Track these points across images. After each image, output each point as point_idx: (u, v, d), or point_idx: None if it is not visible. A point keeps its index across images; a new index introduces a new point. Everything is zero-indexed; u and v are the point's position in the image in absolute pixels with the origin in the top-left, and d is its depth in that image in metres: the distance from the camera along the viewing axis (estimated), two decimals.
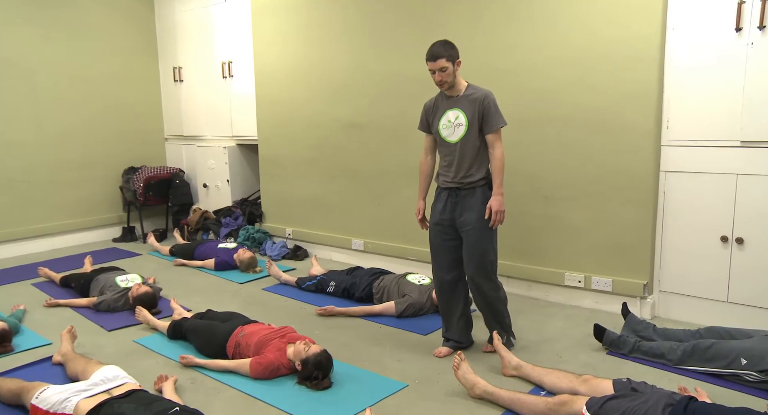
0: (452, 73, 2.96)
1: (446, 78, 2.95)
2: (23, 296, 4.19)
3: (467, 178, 3.01)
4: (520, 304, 3.91)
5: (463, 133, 3.00)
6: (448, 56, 2.92)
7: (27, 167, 5.48)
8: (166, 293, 4.15)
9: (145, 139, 6.46)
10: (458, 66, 2.98)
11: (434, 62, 2.93)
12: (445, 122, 3.07)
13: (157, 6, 6.35)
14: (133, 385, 2.49)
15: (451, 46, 2.96)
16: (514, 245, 4.06)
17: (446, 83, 2.97)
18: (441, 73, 2.94)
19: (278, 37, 5.22)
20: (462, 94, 3.02)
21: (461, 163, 3.01)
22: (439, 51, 2.92)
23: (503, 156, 2.99)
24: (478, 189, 3.01)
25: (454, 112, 3.03)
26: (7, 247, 5.40)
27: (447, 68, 2.92)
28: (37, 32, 5.44)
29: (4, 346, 3.19)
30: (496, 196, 2.98)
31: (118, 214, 6.24)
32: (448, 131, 3.06)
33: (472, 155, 3.00)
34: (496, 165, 2.98)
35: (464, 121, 3.00)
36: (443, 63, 2.91)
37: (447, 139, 3.06)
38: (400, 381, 2.83)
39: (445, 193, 3.10)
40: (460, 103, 3.02)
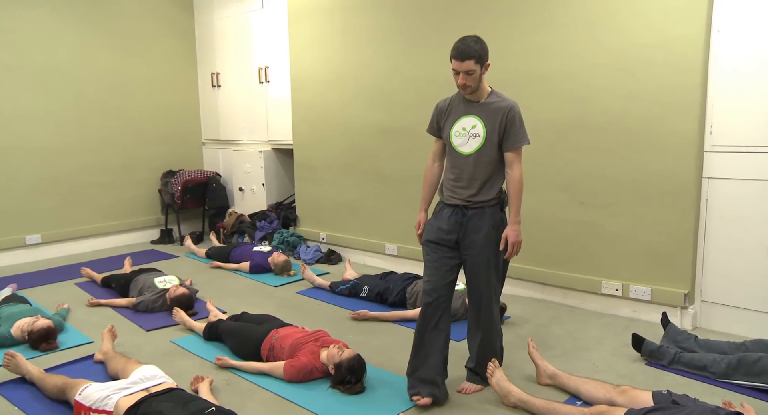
0: (479, 77, 2.55)
1: (471, 82, 2.55)
2: (67, 295, 4.32)
3: (477, 196, 2.63)
4: (556, 311, 3.85)
5: (479, 145, 2.60)
6: (478, 58, 2.50)
7: (71, 170, 5.66)
8: (202, 295, 4.22)
9: (183, 143, 6.60)
10: (486, 70, 2.58)
11: (461, 62, 2.50)
12: (458, 129, 2.66)
13: (197, 13, 6.50)
14: (170, 384, 2.53)
15: (482, 46, 2.53)
16: (549, 252, 4.01)
17: (470, 88, 2.58)
18: (466, 76, 2.53)
19: (314, 43, 5.27)
20: (484, 101, 2.63)
21: (473, 180, 2.62)
22: (469, 50, 2.49)
23: (522, 179, 2.62)
24: (488, 209, 2.65)
25: (470, 119, 2.64)
26: (53, 247, 5.58)
27: (474, 71, 2.51)
28: (82, 40, 5.62)
29: (50, 343, 3.30)
30: (513, 226, 2.61)
31: (157, 216, 6.38)
32: (460, 140, 2.65)
33: (487, 172, 2.62)
34: (514, 189, 2.60)
35: (482, 131, 2.60)
36: (471, 65, 2.50)
37: (458, 149, 2.65)
38: None
39: (448, 210, 2.69)
40: (480, 111, 2.62)
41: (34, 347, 3.27)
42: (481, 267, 2.66)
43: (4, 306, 3.61)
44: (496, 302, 2.77)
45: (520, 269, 4.17)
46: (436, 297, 2.65)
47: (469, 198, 2.64)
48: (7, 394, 2.79)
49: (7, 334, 3.32)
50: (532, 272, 4.12)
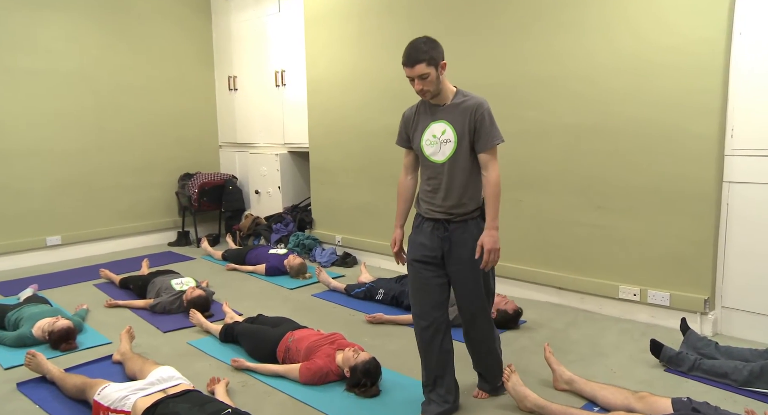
0: (435, 80, 2.38)
1: (428, 86, 2.38)
2: (86, 296, 4.38)
3: (458, 207, 2.46)
4: (572, 316, 3.82)
5: (452, 151, 2.43)
6: (428, 60, 2.33)
7: (91, 172, 5.74)
8: (218, 297, 4.25)
9: (200, 146, 6.66)
10: (443, 69, 2.41)
11: (411, 68, 2.35)
12: (429, 138, 2.48)
13: (214, 17, 6.56)
14: (187, 385, 2.55)
15: (432, 46, 2.37)
16: (566, 256, 3.98)
17: (429, 93, 2.41)
18: (422, 81, 2.36)
19: (330, 47, 5.30)
20: (450, 103, 2.46)
21: (450, 189, 2.45)
22: (417, 53, 2.33)
23: (499, 180, 2.41)
24: (471, 221, 2.48)
25: (440, 125, 2.46)
26: (73, 248, 5.66)
27: (428, 75, 2.34)
28: (102, 44, 5.71)
29: (70, 343, 3.34)
30: (490, 232, 2.41)
31: (174, 219, 6.44)
32: (432, 149, 2.48)
33: (464, 179, 2.45)
34: (490, 192, 2.41)
35: (453, 136, 2.42)
36: (423, 69, 2.33)
37: (432, 158, 2.48)
38: None
39: (429, 224, 2.53)
40: (448, 114, 2.45)
41: (55, 347, 3.32)
42: (469, 283, 2.52)
43: (26, 306, 3.67)
44: (489, 312, 2.64)
45: (536, 273, 4.15)
46: (431, 321, 2.55)
47: (451, 210, 2.47)
48: (28, 392, 2.83)
49: (28, 334, 3.37)
50: (549, 276, 4.09)
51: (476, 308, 2.58)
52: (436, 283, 2.54)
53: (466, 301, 2.57)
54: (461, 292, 2.56)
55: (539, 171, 4.06)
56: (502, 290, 4.18)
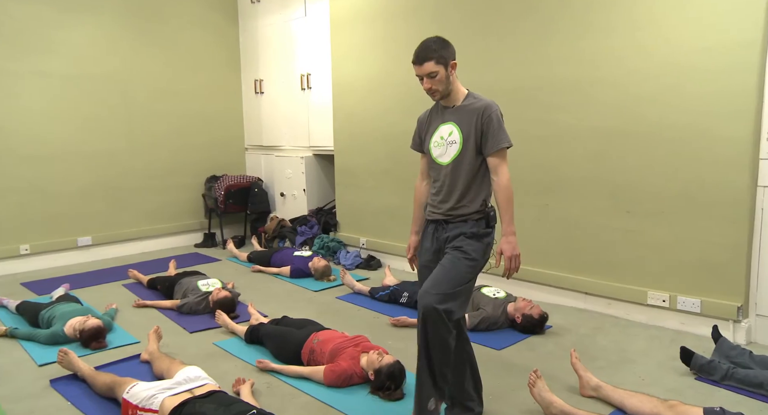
0: (445, 79, 2.37)
1: (437, 86, 2.37)
2: (115, 296, 4.46)
3: (456, 209, 2.39)
4: (599, 321, 3.77)
5: (456, 153, 2.39)
6: (438, 58, 2.33)
7: (120, 174, 5.85)
8: (243, 299, 4.29)
9: (226, 148, 6.75)
10: (453, 69, 2.40)
11: (420, 66, 2.36)
12: (437, 139, 2.47)
13: (242, 21, 6.64)
14: (213, 386, 2.58)
15: (442, 45, 2.37)
16: (592, 260, 3.93)
17: (438, 92, 2.40)
18: (430, 79, 2.36)
19: (355, 50, 5.32)
20: (459, 105, 2.44)
21: (451, 191, 2.40)
22: (427, 51, 2.34)
23: (510, 184, 2.34)
24: (471, 221, 2.38)
25: (447, 126, 2.44)
26: (103, 249, 5.77)
27: (437, 73, 2.34)
28: (132, 49, 5.82)
29: (99, 342, 3.41)
30: (508, 238, 2.34)
31: (200, 220, 6.52)
32: (439, 150, 2.45)
33: (466, 182, 2.38)
34: (502, 196, 2.34)
35: (458, 137, 2.39)
36: (431, 67, 2.33)
37: (438, 160, 2.46)
38: None
39: (431, 227, 2.51)
40: (456, 116, 2.43)
41: (85, 346, 3.38)
42: (439, 270, 2.32)
43: (58, 305, 3.75)
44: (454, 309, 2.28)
45: (561, 278, 4.10)
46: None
47: (449, 211, 2.41)
48: (61, 389, 2.90)
49: (60, 332, 3.44)
50: (575, 281, 4.04)
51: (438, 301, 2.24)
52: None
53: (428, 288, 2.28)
54: (431, 277, 2.33)
55: (566, 175, 4.01)
56: (527, 294, 4.15)
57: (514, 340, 3.49)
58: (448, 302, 2.26)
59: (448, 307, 2.26)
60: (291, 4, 5.97)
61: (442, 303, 2.25)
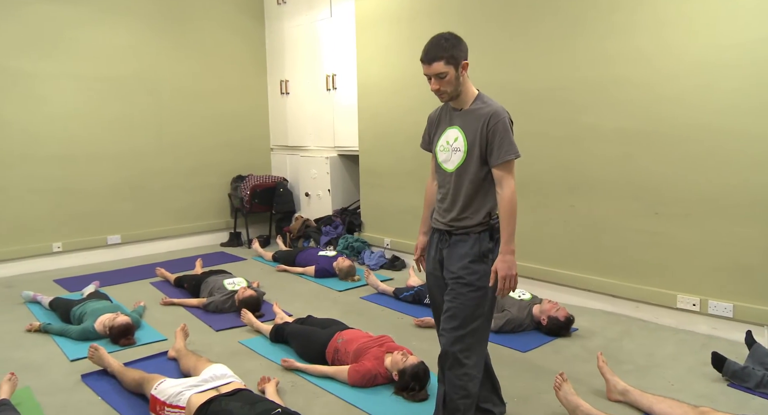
0: (454, 81, 2.19)
1: (446, 87, 2.20)
2: (143, 294, 4.53)
3: (459, 221, 2.27)
4: (626, 325, 3.71)
5: (461, 161, 2.25)
6: (448, 58, 2.15)
7: (149, 174, 5.94)
8: (268, 298, 4.32)
9: (252, 148, 6.81)
10: (464, 70, 2.21)
11: (429, 66, 2.18)
12: (443, 143, 2.33)
13: (268, 23, 6.70)
14: (238, 384, 2.61)
15: (454, 43, 2.18)
16: (620, 263, 3.87)
17: (446, 94, 2.23)
18: (439, 80, 2.19)
19: (381, 50, 5.32)
20: (467, 108, 2.27)
21: (455, 201, 2.28)
22: (436, 50, 2.16)
23: (515, 198, 2.18)
24: (473, 235, 2.25)
25: (453, 131, 2.29)
26: (131, 247, 5.88)
27: (446, 74, 2.17)
28: (162, 50, 5.91)
29: (128, 339, 3.47)
30: (504, 256, 2.16)
31: (226, 220, 6.60)
32: (444, 155, 2.32)
33: (470, 193, 2.24)
34: (505, 210, 2.17)
35: (463, 145, 2.25)
36: (441, 67, 2.15)
37: (443, 165, 2.33)
38: None
39: (436, 235, 2.40)
40: (462, 120, 2.27)
41: (114, 342, 3.45)
42: (458, 302, 2.21)
43: (89, 302, 3.83)
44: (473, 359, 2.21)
45: (588, 280, 4.05)
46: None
47: (451, 222, 2.29)
48: (91, 384, 2.96)
49: (91, 328, 3.52)
50: (601, 283, 3.98)
51: (452, 343, 2.19)
52: (440, 301, 2.37)
53: (444, 326, 2.24)
54: (444, 313, 2.26)
55: (591, 176, 3.96)
56: (552, 296, 4.10)
57: (539, 342, 3.46)
58: (464, 341, 2.18)
59: (463, 346, 2.18)
60: (317, 5, 6.01)
61: (455, 344, 2.18)
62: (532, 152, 4.24)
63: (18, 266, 5.19)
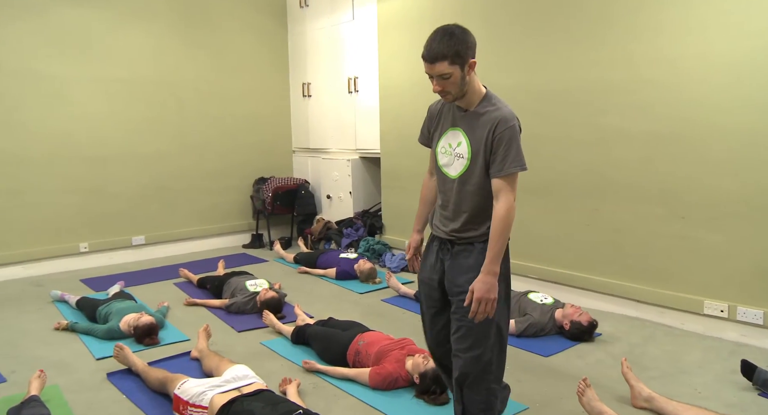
0: (459, 81, 1.97)
1: (449, 88, 1.99)
2: (166, 294, 4.59)
3: (464, 231, 2.11)
4: (651, 330, 3.65)
5: (464, 168, 2.07)
6: (453, 57, 1.93)
7: (172, 176, 6.02)
8: (290, 299, 4.35)
9: (274, 150, 6.86)
10: (471, 69, 1.99)
11: (431, 65, 1.97)
12: (444, 145, 2.14)
13: (290, 26, 6.75)
14: (260, 385, 2.62)
15: (460, 40, 1.94)
16: (644, 267, 3.81)
17: (450, 95, 2.03)
18: (442, 80, 1.97)
19: (403, 53, 5.32)
20: (472, 110, 2.06)
21: (458, 210, 2.11)
22: (440, 48, 1.93)
23: (510, 213, 1.98)
24: (478, 244, 2.09)
25: (456, 133, 2.10)
26: (155, 248, 5.96)
27: (450, 75, 1.95)
28: (186, 53, 5.99)
29: (152, 338, 3.51)
30: (485, 277, 1.98)
31: (248, 221, 6.65)
32: (446, 159, 2.14)
33: (475, 203, 2.08)
34: (497, 227, 1.97)
35: (467, 151, 2.05)
36: (444, 68, 1.94)
37: (444, 170, 2.15)
38: (519, 403, 2.74)
39: (436, 243, 2.24)
40: (466, 123, 2.06)
41: (139, 342, 3.50)
42: (465, 323, 2.09)
43: (114, 302, 3.89)
44: (493, 378, 2.12)
45: (611, 284, 3.99)
46: (437, 359, 2.35)
47: (453, 233, 2.13)
48: (116, 383, 3.01)
49: (116, 327, 3.57)
50: (625, 288, 3.92)
51: (469, 363, 2.09)
52: (432, 312, 2.26)
53: (457, 347, 2.13)
54: (457, 331, 2.12)
55: (615, 179, 3.91)
56: (575, 300, 4.05)
57: (562, 347, 3.42)
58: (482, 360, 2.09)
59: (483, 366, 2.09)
60: (339, 7, 6.04)
61: (474, 365, 2.09)
62: (554, 155, 4.20)
63: (47, 265, 5.30)
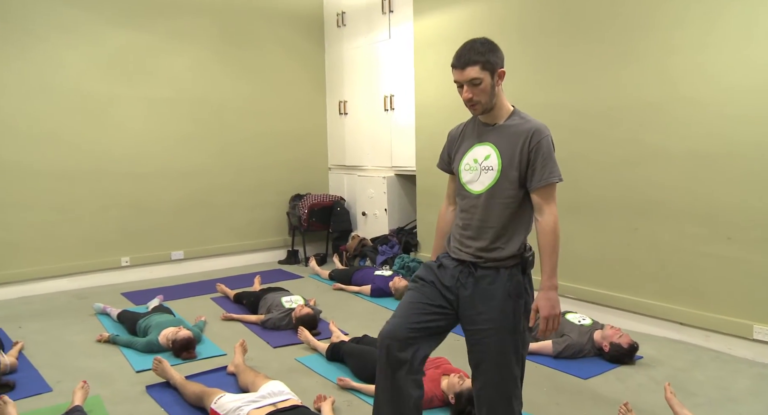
0: (489, 89, 1.97)
1: (479, 96, 1.97)
2: (204, 309, 4.66)
3: (490, 251, 1.98)
4: (696, 355, 3.52)
5: (493, 181, 1.98)
6: (484, 63, 1.95)
7: (211, 191, 6.14)
8: (325, 316, 4.36)
9: (310, 168, 6.94)
10: (501, 79, 2.01)
11: (462, 71, 1.97)
12: (469, 161, 2.06)
13: (327, 45, 6.86)
14: (295, 401, 2.63)
15: (490, 48, 1.99)
16: (687, 288, 3.70)
17: (479, 105, 2.00)
18: (472, 87, 1.96)
19: (439, 71, 5.35)
20: (502, 123, 2.04)
21: (484, 228, 2.00)
22: (472, 53, 1.96)
23: (558, 227, 1.94)
24: (504, 271, 1.97)
25: (484, 148, 2.03)
26: (193, 263, 6.07)
27: (481, 81, 1.95)
28: (226, 73, 6.15)
29: (190, 352, 3.56)
30: (547, 293, 1.94)
31: (284, 237, 6.72)
32: (470, 175, 2.05)
33: (504, 218, 1.98)
34: (546, 242, 1.94)
35: (496, 163, 1.98)
36: (475, 72, 1.95)
37: (468, 187, 2.06)
38: None
39: (454, 265, 2.08)
40: (496, 136, 2.02)
41: (177, 355, 3.55)
42: (493, 353, 1.98)
43: (153, 315, 3.97)
44: (517, 394, 2.03)
45: (653, 306, 3.88)
46: (388, 343, 2.06)
47: (479, 253, 2.00)
48: (155, 395, 3.05)
49: (155, 341, 3.64)
50: (667, 310, 3.81)
51: (498, 395, 2.01)
52: (430, 311, 2.06)
53: (486, 379, 2.02)
54: (480, 365, 2.02)
55: (657, 198, 3.82)
56: (614, 321, 3.95)
57: (601, 369, 3.33)
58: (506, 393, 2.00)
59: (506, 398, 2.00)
60: (376, 27, 6.12)
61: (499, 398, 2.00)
62: (592, 173, 4.14)
63: (90, 278, 5.46)
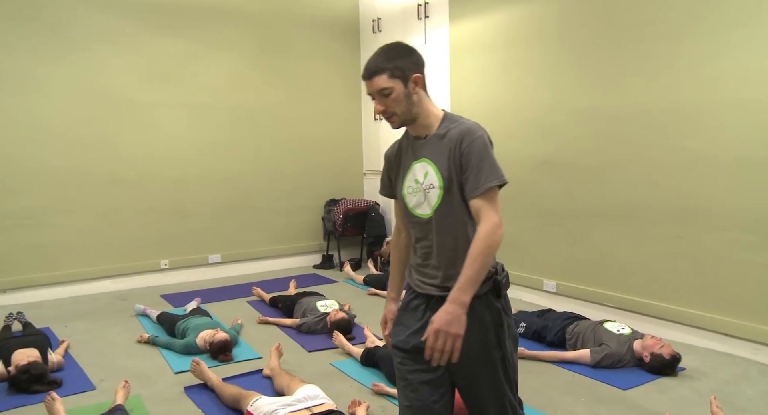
0: (404, 99, 1.73)
1: (393, 107, 1.73)
2: (240, 312, 4.72)
3: (454, 279, 1.66)
4: (744, 368, 3.40)
5: (438, 200, 1.74)
6: (392, 70, 1.71)
7: (247, 196, 6.23)
8: (359, 321, 4.36)
9: (345, 173, 6.97)
10: (417, 85, 1.76)
11: (369, 81, 1.74)
12: (411, 184, 1.81)
13: (363, 51, 6.89)
14: (330, 405, 2.64)
15: (399, 53, 1.75)
16: (733, 298, 3.58)
17: (396, 116, 1.76)
18: (383, 98, 1.73)
19: (475, 76, 5.33)
20: (432, 134, 1.78)
21: (443, 250, 1.76)
22: (375, 62, 1.73)
23: (496, 238, 1.67)
24: (477, 301, 1.68)
25: (421, 165, 1.78)
26: (230, 266, 6.16)
27: (391, 90, 1.71)
28: (263, 79, 6.24)
29: (226, 355, 3.62)
30: (450, 306, 1.60)
31: (319, 242, 6.77)
32: (415, 199, 1.80)
33: (463, 237, 1.73)
34: (475, 249, 1.64)
35: (436, 180, 1.74)
36: (383, 82, 1.71)
37: (416, 212, 1.80)
38: None
39: (420, 301, 1.83)
40: (430, 150, 1.77)
41: (214, 357, 3.60)
42: (484, 393, 1.77)
43: (191, 317, 4.05)
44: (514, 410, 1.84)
45: (696, 316, 3.77)
46: None
47: (445, 282, 1.74)
48: (193, 396, 3.11)
49: (193, 343, 3.71)
50: (712, 321, 3.69)
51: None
52: (420, 380, 1.79)
53: (479, 409, 1.82)
54: (470, 402, 1.83)
55: (701, 205, 3.71)
56: (655, 331, 3.85)
57: (641, 380, 3.25)
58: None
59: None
60: (412, 32, 6.12)
61: None
62: (633, 179, 4.05)
63: (131, 280, 5.59)
